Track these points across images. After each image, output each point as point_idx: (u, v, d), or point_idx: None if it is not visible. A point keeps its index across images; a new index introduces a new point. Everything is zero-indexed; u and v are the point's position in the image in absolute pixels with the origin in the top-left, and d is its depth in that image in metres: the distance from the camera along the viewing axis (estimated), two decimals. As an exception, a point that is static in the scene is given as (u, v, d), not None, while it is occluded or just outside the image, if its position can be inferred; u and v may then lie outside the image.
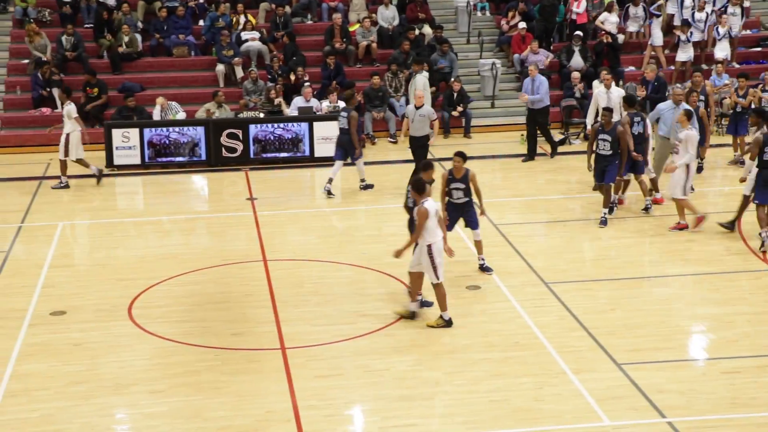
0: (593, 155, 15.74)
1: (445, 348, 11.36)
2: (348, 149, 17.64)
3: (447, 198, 13.43)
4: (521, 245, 14.80)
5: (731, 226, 15.04)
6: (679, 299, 12.70)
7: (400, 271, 13.46)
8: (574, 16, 24.16)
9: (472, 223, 13.61)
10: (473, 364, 10.89)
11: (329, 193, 17.50)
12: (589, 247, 14.82)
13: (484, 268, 13.64)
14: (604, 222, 15.54)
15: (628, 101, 16.51)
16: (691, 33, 23.50)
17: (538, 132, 20.15)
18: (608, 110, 15.69)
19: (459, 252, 13.88)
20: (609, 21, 24.00)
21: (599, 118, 16.22)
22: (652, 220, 15.86)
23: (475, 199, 13.62)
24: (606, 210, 15.64)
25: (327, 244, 15.02)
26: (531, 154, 19.89)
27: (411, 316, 12.14)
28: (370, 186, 17.96)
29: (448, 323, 11.88)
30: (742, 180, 15.06)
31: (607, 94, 18.33)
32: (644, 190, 16.29)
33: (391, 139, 21.80)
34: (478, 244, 13.69)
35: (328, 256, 14.44)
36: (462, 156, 13.47)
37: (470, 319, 12.20)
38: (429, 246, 11.64)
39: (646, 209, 16.16)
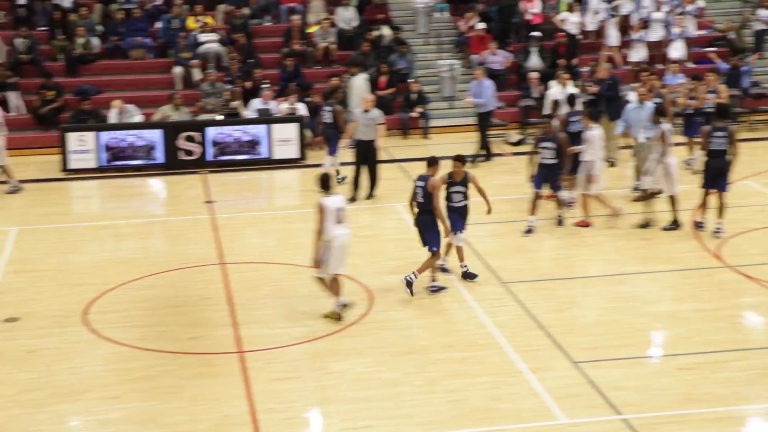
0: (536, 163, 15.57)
1: (403, 349, 11.37)
2: (334, 142, 17.90)
3: (447, 202, 13.38)
4: (479, 245, 14.85)
5: (675, 226, 15.18)
6: (636, 297, 12.81)
7: (358, 272, 13.47)
8: (529, 17, 24.31)
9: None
10: (431, 365, 10.91)
11: (343, 179, 18.30)
12: (547, 247, 14.90)
13: (467, 275, 13.48)
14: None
15: (568, 99, 16.74)
16: (645, 32, 23.70)
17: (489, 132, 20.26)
18: (549, 116, 15.78)
19: (411, 256, 13.98)
20: (569, 21, 24.13)
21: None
22: (610, 219, 15.98)
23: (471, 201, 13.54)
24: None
25: (285, 247, 14.99)
26: (487, 155, 20.00)
27: (335, 317, 12.14)
28: (344, 178, 18.24)
29: (339, 315, 12.00)
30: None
31: (563, 93, 18.46)
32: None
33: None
34: (460, 251, 13.56)
35: (286, 259, 14.40)
36: (461, 160, 13.42)
37: (428, 319, 12.22)
38: (328, 242, 11.74)
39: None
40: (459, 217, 13.49)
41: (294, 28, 23.82)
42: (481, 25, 23.70)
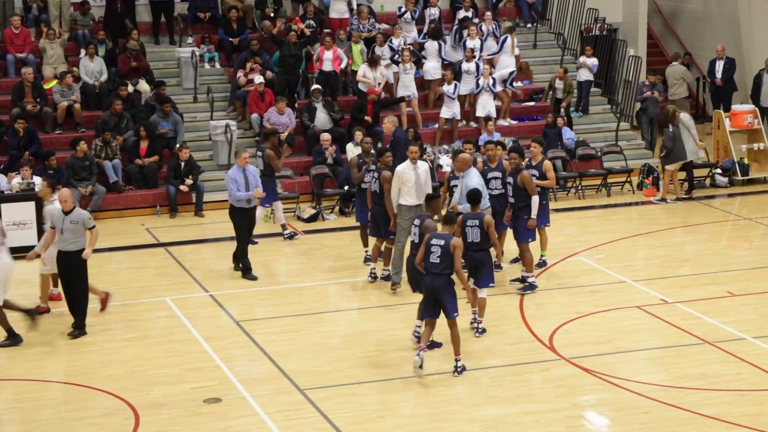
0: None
1: (180, 478, 11.22)
2: (271, 190, 19.68)
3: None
4: (270, 345, 14.88)
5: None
6: (458, 400, 13.12)
7: (119, 385, 13.23)
8: (327, 66, 24.70)
9: None
10: (217, 496, 10.80)
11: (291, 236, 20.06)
12: (354, 343, 15.08)
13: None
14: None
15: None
16: (456, 86, 24.62)
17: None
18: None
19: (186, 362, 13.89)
20: (367, 75, 24.69)
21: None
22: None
23: None
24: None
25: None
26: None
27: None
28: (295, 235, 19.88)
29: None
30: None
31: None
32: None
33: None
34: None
35: None
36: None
37: (211, 440, 12.14)
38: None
39: None
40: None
41: (25, 84, 23.38)
42: (260, 79, 23.98)
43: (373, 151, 18.31)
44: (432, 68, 25.49)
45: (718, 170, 23.84)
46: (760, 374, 13.67)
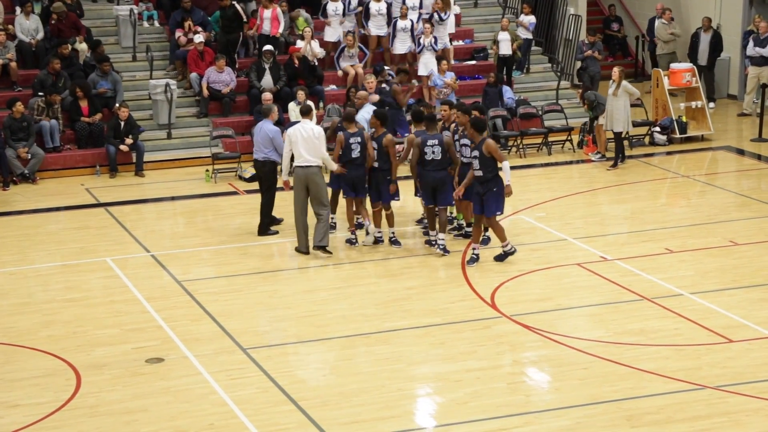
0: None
1: (122, 438, 11.21)
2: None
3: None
4: (212, 305, 14.86)
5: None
6: (401, 358, 13.20)
7: (59, 346, 13.15)
8: (266, 29, 24.53)
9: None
10: (159, 456, 10.80)
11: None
12: (296, 302, 15.09)
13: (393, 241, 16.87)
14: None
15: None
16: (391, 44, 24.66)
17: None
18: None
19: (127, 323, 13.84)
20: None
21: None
22: (370, 266, 16.40)
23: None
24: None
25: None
26: None
27: None
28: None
29: None
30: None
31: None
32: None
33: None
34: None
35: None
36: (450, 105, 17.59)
37: (152, 399, 12.11)
38: None
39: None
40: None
41: (-40, 42, 23.02)
42: (200, 38, 23.77)
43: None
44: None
45: (657, 128, 24.03)
46: (697, 329, 13.86)
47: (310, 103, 21.35)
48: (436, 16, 25.04)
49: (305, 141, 16.49)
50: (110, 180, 21.57)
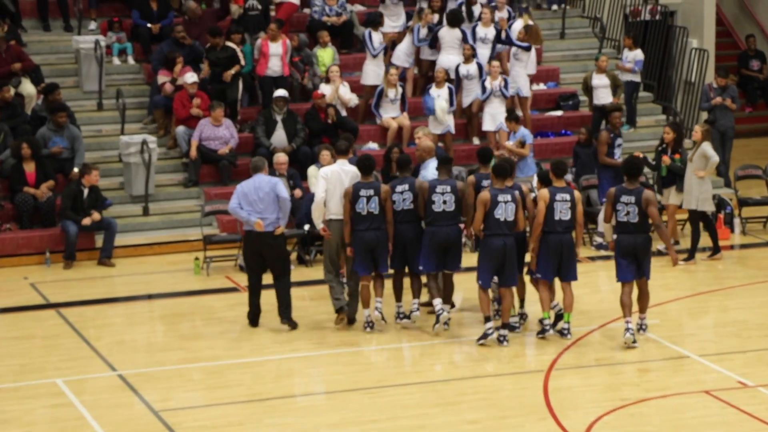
0: None
1: None
2: None
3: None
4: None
5: None
6: None
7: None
8: (274, 69, 24.66)
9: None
10: None
11: None
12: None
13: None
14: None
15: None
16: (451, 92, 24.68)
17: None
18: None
19: None
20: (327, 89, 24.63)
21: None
22: (416, 390, 16.19)
23: None
24: None
25: None
26: None
27: None
28: None
29: None
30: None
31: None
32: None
33: None
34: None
35: None
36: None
37: None
38: None
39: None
40: None
41: None
42: (193, 78, 23.84)
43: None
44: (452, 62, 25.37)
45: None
46: None
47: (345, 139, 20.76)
48: (514, 49, 25.00)
49: (344, 188, 17.25)
50: (65, 272, 21.67)
